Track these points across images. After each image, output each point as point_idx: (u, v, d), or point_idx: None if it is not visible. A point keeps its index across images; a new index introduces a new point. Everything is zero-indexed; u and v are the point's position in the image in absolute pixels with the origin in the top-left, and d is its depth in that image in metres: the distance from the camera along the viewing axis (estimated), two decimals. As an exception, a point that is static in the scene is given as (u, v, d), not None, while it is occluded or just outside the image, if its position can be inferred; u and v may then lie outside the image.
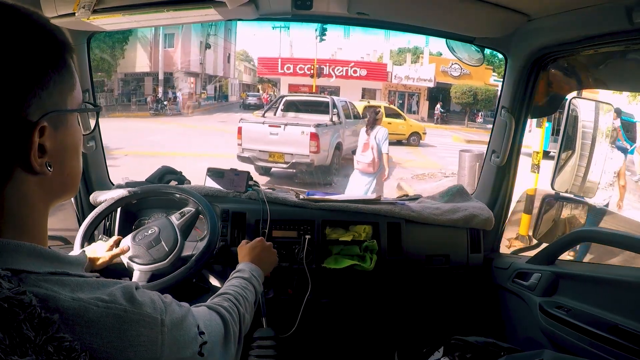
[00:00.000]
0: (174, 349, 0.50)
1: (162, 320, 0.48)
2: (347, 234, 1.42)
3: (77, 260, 0.51)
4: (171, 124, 13.10)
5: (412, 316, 1.59)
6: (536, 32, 1.22)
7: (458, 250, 1.48)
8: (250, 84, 31.24)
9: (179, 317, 0.53)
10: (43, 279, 0.42)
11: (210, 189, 1.43)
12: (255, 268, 0.93)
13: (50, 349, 0.38)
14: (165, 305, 0.50)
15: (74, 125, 0.50)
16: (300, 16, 1.40)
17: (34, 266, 0.43)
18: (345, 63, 20.35)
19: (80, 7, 1.11)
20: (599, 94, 5.48)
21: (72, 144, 0.50)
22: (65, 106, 0.47)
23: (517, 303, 1.32)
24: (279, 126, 6.31)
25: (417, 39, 24.56)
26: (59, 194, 0.51)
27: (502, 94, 1.44)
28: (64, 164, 0.49)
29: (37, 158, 0.44)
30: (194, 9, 1.23)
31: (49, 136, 0.45)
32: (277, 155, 6.31)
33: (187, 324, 0.54)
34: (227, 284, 0.85)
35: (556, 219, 1.32)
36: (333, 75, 19.80)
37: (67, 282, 0.44)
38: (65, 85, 0.47)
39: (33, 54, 0.43)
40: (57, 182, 0.48)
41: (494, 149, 1.48)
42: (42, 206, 0.48)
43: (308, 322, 1.38)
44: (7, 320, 0.36)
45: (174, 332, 0.50)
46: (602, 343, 0.98)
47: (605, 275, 1.11)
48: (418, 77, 20.26)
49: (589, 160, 1.29)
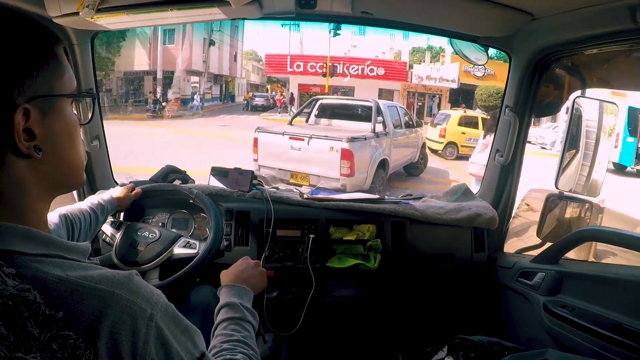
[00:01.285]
0: (160, 350, 0.46)
1: (152, 314, 0.45)
2: (351, 233, 1.42)
3: (77, 248, 0.51)
4: (166, 128, 12.09)
5: (416, 315, 1.59)
6: (540, 31, 1.22)
7: (462, 250, 1.48)
8: (258, 84, 30.23)
9: (176, 323, 0.50)
10: (35, 260, 0.43)
11: (214, 188, 1.43)
12: (244, 292, 0.81)
13: (54, 347, 0.38)
14: (162, 303, 0.48)
15: (66, 113, 0.51)
16: (304, 15, 1.40)
17: (26, 248, 0.43)
18: (361, 61, 18.87)
19: (84, 6, 1.11)
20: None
21: (65, 131, 0.51)
22: (54, 92, 0.49)
23: (521, 302, 1.32)
24: (302, 139, 4.89)
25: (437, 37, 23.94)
26: (57, 182, 0.51)
27: (505, 93, 1.44)
28: (56, 150, 0.49)
29: (22, 141, 0.45)
30: (198, 8, 1.23)
31: (36, 120, 0.46)
32: (300, 176, 4.92)
33: (187, 335, 0.51)
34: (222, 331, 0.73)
35: (560, 218, 1.32)
36: (347, 74, 18.46)
37: (58, 264, 0.44)
38: (52, 72, 0.49)
39: (15, 44, 0.45)
40: (52, 167, 0.49)
41: (498, 148, 1.48)
42: (38, 192, 0.48)
43: (312, 321, 1.38)
44: (11, 318, 0.36)
45: (164, 333, 0.47)
46: (606, 342, 0.98)
47: (609, 274, 1.11)
48: (440, 77, 18.76)
49: (593, 159, 1.29)
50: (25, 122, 0.45)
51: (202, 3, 1.20)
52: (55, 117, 0.49)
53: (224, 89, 24.43)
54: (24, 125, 0.45)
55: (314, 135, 4.91)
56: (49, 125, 0.48)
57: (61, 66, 0.50)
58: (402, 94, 19.95)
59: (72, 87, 0.53)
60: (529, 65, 1.32)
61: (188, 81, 19.90)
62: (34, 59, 0.47)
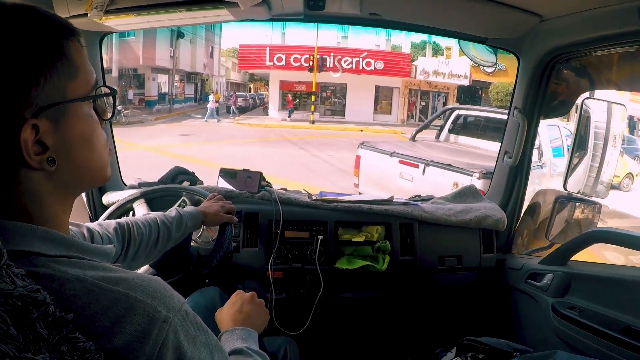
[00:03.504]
0: (175, 355, 0.44)
1: (168, 317, 0.44)
2: (360, 235, 1.42)
3: (99, 250, 0.51)
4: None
5: (425, 317, 1.59)
6: (549, 32, 1.22)
7: (470, 251, 1.48)
8: (240, 82, 27.76)
9: (198, 332, 0.48)
10: (53, 261, 0.43)
11: (222, 189, 1.43)
12: (247, 335, 0.72)
13: (64, 349, 0.38)
14: (180, 307, 0.46)
15: (81, 115, 0.48)
16: (313, 17, 1.40)
17: (46, 249, 0.43)
18: (356, 52, 16.06)
19: (92, 7, 1.11)
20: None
21: (81, 135, 0.48)
22: (65, 97, 0.45)
23: (529, 304, 1.32)
24: (416, 165, 3.59)
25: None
26: (77, 186, 0.51)
27: (514, 95, 1.44)
28: (72, 157, 0.47)
29: (32, 156, 0.43)
30: (207, 9, 1.23)
31: (47, 131, 0.44)
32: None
33: (207, 349, 0.49)
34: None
35: (569, 220, 1.32)
36: (339, 68, 15.75)
37: (77, 264, 0.44)
38: (62, 75, 0.45)
39: (16, 49, 0.42)
40: (70, 175, 0.47)
41: (506, 150, 1.48)
42: (57, 198, 0.47)
43: (320, 322, 1.39)
44: (20, 318, 0.36)
45: (180, 337, 0.45)
46: (615, 344, 0.98)
47: (617, 275, 1.11)
48: (450, 73, 16.18)
49: (602, 160, 1.30)
50: (36, 136, 0.43)
51: (210, 4, 1.21)
52: (69, 123, 0.46)
53: (199, 88, 21.97)
54: (34, 139, 0.43)
55: (432, 162, 3.45)
56: (63, 133, 0.46)
57: (73, 65, 0.46)
58: (402, 92, 17.75)
59: (89, 85, 0.49)
60: (537, 66, 1.32)
61: (154, 80, 17.25)
62: (39, 64, 0.43)
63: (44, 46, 0.44)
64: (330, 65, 15.91)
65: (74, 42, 0.47)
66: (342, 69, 15.87)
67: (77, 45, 0.48)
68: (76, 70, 0.47)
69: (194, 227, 1.01)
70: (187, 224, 0.97)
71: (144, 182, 1.47)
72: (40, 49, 0.43)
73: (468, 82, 16.28)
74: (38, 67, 0.43)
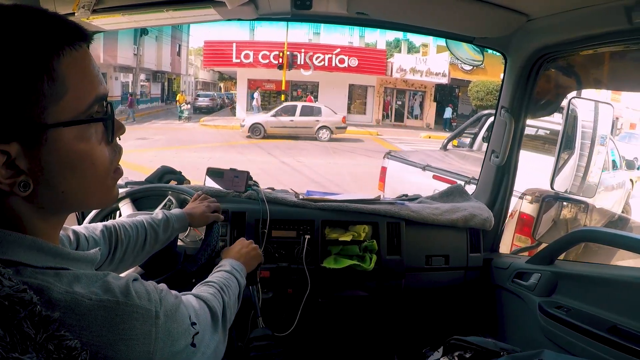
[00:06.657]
0: (167, 342, 0.48)
1: (157, 312, 0.47)
2: (347, 234, 1.41)
3: (85, 257, 0.50)
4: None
5: (412, 316, 1.59)
6: (536, 32, 1.22)
7: (458, 251, 1.48)
8: (209, 81, 27.10)
9: (173, 309, 0.51)
10: (40, 272, 0.42)
11: (209, 188, 1.43)
12: (236, 263, 0.90)
13: (50, 347, 0.38)
14: (160, 297, 0.49)
15: (66, 139, 0.43)
16: (300, 16, 1.40)
17: (33, 260, 0.43)
18: (329, 49, 15.14)
19: (79, 7, 1.11)
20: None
21: (65, 161, 0.43)
22: (44, 121, 0.41)
23: (516, 303, 1.32)
24: (455, 182, 2.76)
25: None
26: (66, 209, 0.49)
27: (501, 94, 1.44)
28: (54, 183, 0.43)
29: (1, 179, 0.40)
30: (194, 9, 1.23)
31: (20, 155, 0.40)
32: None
33: (181, 315, 0.52)
34: (210, 276, 0.83)
35: (556, 219, 1.32)
36: (311, 65, 14.83)
37: (64, 275, 0.44)
38: (43, 97, 0.40)
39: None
40: (53, 200, 0.45)
41: (493, 149, 1.48)
42: (43, 218, 0.46)
43: (307, 322, 1.38)
44: (7, 318, 0.36)
45: (168, 325, 0.48)
46: (601, 343, 0.98)
47: (604, 275, 1.11)
48: (428, 70, 15.47)
49: (589, 160, 1.30)
50: (7, 160, 0.40)
51: (197, 4, 1.21)
52: (48, 148, 0.42)
53: (166, 88, 21.06)
54: (3, 163, 0.40)
55: (473, 179, 2.52)
56: (40, 158, 0.42)
57: (59, 85, 0.41)
58: (377, 91, 16.73)
59: (83, 103, 0.43)
60: (524, 66, 1.33)
61: (117, 79, 16.15)
62: (15, 86, 0.39)
63: (23, 65, 0.39)
64: (301, 62, 14.97)
65: (71, 54, 0.42)
66: (314, 66, 14.97)
67: (75, 57, 0.43)
68: (65, 91, 0.42)
69: (181, 230, 1.03)
70: (174, 226, 0.98)
71: (131, 182, 1.46)
72: (19, 69, 0.39)
73: (447, 81, 15.63)
74: (14, 87, 0.38)
